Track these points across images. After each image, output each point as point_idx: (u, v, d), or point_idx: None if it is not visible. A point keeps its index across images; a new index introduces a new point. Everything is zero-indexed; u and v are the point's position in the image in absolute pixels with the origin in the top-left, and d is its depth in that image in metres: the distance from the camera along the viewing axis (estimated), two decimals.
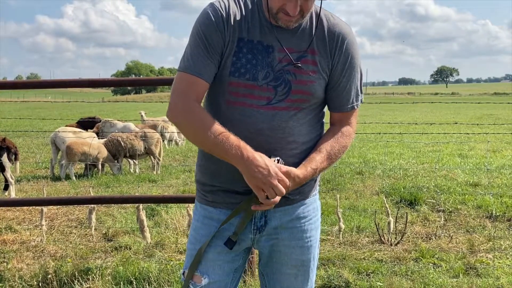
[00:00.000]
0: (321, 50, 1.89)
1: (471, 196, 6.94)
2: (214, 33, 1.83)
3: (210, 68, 1.84)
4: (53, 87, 3.90)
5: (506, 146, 12.77)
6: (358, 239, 5.25)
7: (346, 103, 1.97)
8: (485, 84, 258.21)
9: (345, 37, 1.91)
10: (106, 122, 13.10)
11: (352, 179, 8.48)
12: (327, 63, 1.90)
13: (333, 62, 1.91)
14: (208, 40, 1.83)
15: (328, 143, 1.93)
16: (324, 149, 1.92)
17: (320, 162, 1.90)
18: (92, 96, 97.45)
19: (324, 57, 1.89)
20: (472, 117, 26.47)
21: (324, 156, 1.91)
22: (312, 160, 1.89)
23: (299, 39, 1.88)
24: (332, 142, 1.94)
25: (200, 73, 1.82)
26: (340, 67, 1.91)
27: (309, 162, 1.88)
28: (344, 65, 1.91)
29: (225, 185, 1.93)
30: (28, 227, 5.81)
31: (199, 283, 1.98)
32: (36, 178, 9.65)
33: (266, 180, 1.75)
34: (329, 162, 1.93)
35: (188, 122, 1.83)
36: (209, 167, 1.97)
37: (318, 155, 1.90)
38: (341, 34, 1.91)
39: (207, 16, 1.84)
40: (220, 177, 1.93)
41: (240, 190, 1.90)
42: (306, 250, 2.05)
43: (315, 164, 1.88)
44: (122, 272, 4.04)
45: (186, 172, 9.82)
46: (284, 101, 1.86)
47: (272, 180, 1.75)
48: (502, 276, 4.15)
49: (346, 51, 1.91)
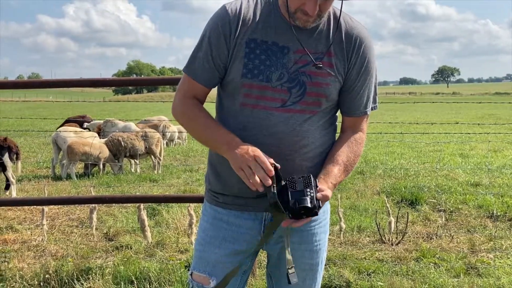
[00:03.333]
0: (337, 53, 1.86)
1: (472, 196, 6.93)
2: (219, 38, 1.83)
3: (209, 72, 1.87)
4: (55, 86, 3.89)
5: (507, 146, 12.75)
6: (359, 238, 5.25)
7: (358, 107, 1.94)
8: (486, 84, 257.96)
9: (363, 41, 1.88)
10: (107, 122, 13.10)
11: (353, 179, 8.48)
12: (343, 66, 1.87)
13: (349, 66, 1.88)
14: (212, 46, 1.84)
15: (344, 153, 1.91)
16: (341, 160, 1.89)
17: (338, 176, 1.87)
18: (94, 95, 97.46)
19: (340, 59, 1.87)
20: (473, 117, 26.44)
21: (341, 169, 1.89)
22: (331, 175, 1.86)
23: (316, 40, 1.85)
24: (348, 152, 1.92)
25: (199, 78, 1.89)
26: (356, 71, 1.89)
27: (329, 177, 1.85)
28: (360, 69, 1.89)
29: (237, 193, 1.92)
30: (29, 226, 5.82)
31: (207, 285, 1.97)
32: (37, 177, 9.66)
33: (244, 158, 1.74)
34: (346, 174, 1.91)
35: (183, 117, 1.93)
36: (220, 176, 1.96)
37: (336, 167, 1.87)
38: (359, 38, 1.88)
39: (215, 21, 1.85)
40: (232, 187, 1.92)
41: (251, 196, 1.89)
42: (315, 254, 2.04)
43: (335, 179, 1.86)
44: (123, 271, 4.04)
45: (187, 172, 9.82)
46: (298, 103, 1.84)
47: (248, 158, 1.73)
48: (503, 276, 4.15)
49: (363, 55, 1.88)
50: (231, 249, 1.96)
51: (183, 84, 1.95)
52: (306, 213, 1.70)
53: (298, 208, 1.68)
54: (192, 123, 1.91)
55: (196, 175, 9.42)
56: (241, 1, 1.87)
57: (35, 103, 50.81)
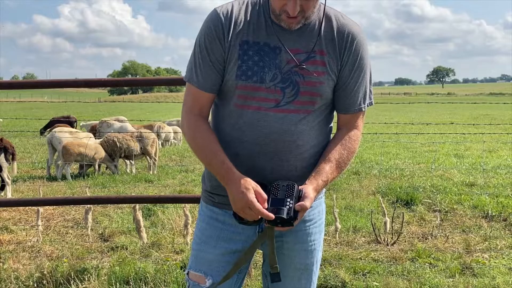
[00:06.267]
0: (330, 51, 1.86)
1: (467, 196, 6.95)
2: (213, 42, 1.83)
3: (212, 78, 1.87)
4: (50, 87, 3.87)
5: (502, 146, 12.80)
6: (354, 239, 5.26)
7: (353, 104, 1.93)
8: (481, 84, 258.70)
9: (355, 37, 1.87)
10: (103, 123, 13.07)
11: (349, 179, 8.49)
12: (336, 64, 1.87)
13: (342, 63, 1.87)
14: (208, 50, 1.84)
15: (336, 151, 1.90)
16: (333, 157, 1.88)
17: (330, 172, 1.86)
18: (89, 96, 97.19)
19: (333, 57, 1.86)
20: (468, 117, 26.53)
21: (333, 166, 1.87)
22: (322, 172, 1.85)
23: (307, 39, 1.85)
24: (340, 149, 1.90)
25: (204, 86, 1.88)
26: (349, 67, 1.88)
27: (319, 175, 1.84)
28: (353, 66, 1.88)
29: None
30: (24, 227, 5.80)
31: (203, 284, 1.98)
32: (32, 178, 9.63)
33: (239, 206, 1.77)
34: (338, 171, 1.90)
35: (188, 139, 1.94)
36: (215, 179, 1.95)
37: (328, 165, 1.87)
38: (351, 34, 1.87)
39: (207, 25, 1.86)
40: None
41: None
42: (309, 254, 2.04)
43: (326, 176, 1.85)
44: (119, 272, 4.03)
45: (183, 172, 9.81)
46: (292, 103, 1.84)
47: (243, 205, 1.75)
48: (498, 276, 4.16)
49: (355, 51, 1.87)
50: (227, 249, 1.96)
51: (188, 95, 1.94)
52: (282, 223, 1.73)
53: (274, 217, 1.71)
54: (193, 144, 1.92)
55: (191, 175, 9.41)
56: (232, 4, 1.88)
57: (30, 103, 50.67)
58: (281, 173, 1.83)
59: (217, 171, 1.84)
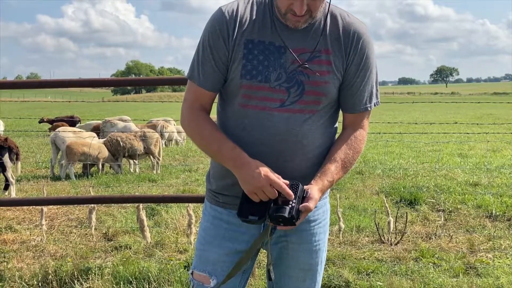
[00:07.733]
0: (335, 50, 1.85)
1: (471, 196, 6.94)
2: (218, 41, 1.83)
3: (214, 76, 1.86)
4: (53, 87, 3.89)
5: (506, 145, 12.77)
6: (358, 238, 5.25)
7: (359, 103, 1.92)
8: (484, 84, 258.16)
9: (361, 36, 1.86)
10: (107, 122, 13.09)
11: (352, 179, 8.48)
12: (341, 63, 1.85)
13: (348, 62, 1.86)
14: (212, 49, 1.84)
15: (342, 151, 1.89)
16: (339, 157, 1.87)
17: (335, 172, 1.85)
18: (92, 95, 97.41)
19: (338, 56, 1.85)
20: (472, 117, 26.47)
21: (339, 166, 1.86)
22: (327, 172, 1.84)
23: (312, 39, 1.84)
24: (346, 149, 1.89)
25: (205, 84, 1.87)
26: (355, 67, 1.86)
27: (325, 175, 1.83)
28: (359, 65, 1.87)
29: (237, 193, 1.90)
30: (28, 226, 5.81)
31: (208, 284, 1.98)
32: (36, 177, 9.65)
33: (258, 184, 1.74)
34: (344, 171, 1.89)
35: (191, 132, 1.92)
36: (221, 176, 1.96)
37: (333, 165, 1.86)
38: (357, 33, 1.86)
39: (212, 24, 1.85)
40: (233, 188, 1.92)
41: None
42: (314, 254, 2.03)
43: (331, 176, 1.84)
44: (122, 271, 4.04)
45: (186, 172, 9.82)
46: (297, 102, 1.83)
47: (264, 184, 1.73)
48: (502, 276, 4.15)
49: (361, 50, 1.86)
50: (231, 249, 1.96)
51: (189, 92, 1.93)
52: (284, 222, 1.73)
53: (276, 216, 1.72)
54: (199, 136, 1.90)
55: (195, 175, 9.42)
56: (237, 3, 1.87)
57: (33, 103, 50.78)
58: (286, 173, 1.82)
59: (229, 156, 1.81)
